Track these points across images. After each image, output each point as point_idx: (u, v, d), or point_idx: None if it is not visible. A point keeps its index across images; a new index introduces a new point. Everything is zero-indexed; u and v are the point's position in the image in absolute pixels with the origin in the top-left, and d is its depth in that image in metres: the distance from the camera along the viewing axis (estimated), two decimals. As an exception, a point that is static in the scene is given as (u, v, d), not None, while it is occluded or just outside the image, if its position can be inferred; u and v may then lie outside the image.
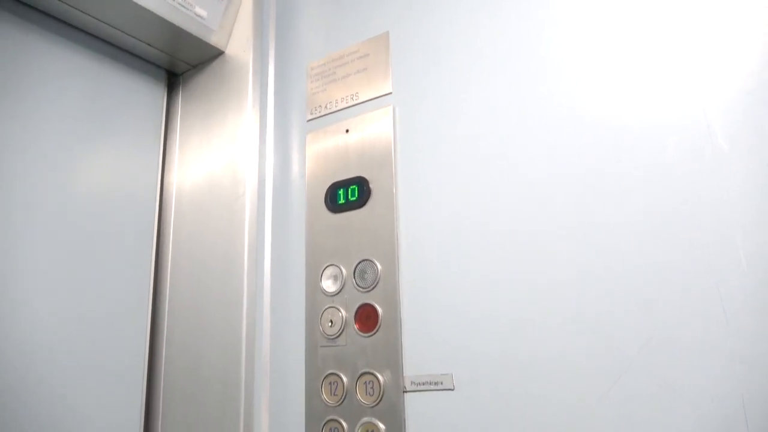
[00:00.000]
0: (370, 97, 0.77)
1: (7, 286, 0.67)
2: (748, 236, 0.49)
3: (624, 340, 0.53)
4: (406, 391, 0.64)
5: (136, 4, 0.74)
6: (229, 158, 0.82)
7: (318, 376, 0.70)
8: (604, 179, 0.57)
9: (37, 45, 0.75)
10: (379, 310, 0.68)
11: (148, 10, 0.76)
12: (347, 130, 0.77)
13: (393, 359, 0.65)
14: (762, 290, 0.48)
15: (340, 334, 0.70)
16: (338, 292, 0.72)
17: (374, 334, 0.67)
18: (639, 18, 0.59)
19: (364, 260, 0.70)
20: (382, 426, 0.64)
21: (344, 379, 0.68)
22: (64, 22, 0.78)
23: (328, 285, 0.73)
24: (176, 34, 0.81)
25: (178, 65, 0.90)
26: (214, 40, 0.85)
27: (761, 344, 0.47)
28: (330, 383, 0.69)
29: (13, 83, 0.72)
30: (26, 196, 0.71)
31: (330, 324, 0.71)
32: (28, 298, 0.69)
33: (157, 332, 0.81)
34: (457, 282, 0.64)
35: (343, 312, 0.70)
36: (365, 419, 0.65)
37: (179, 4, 0.78)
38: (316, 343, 0.72)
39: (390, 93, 0.75)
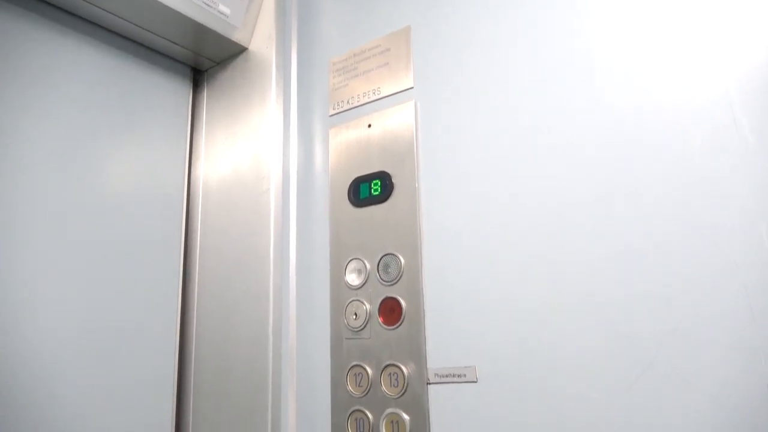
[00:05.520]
0: (392, 92, 0.77)
1: (35, 285, 0.69)
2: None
3: (647, 334, 0.53)
4: (429, 383, 0.65)
5: (161, 3, 0.75)
6: (254, 153, 0.83)
7: (343, 367, 0.72)
8: (629, 173, 0.57)
9: (65, 44, 0.77)
10: (403, 303, 0.69)
11: (174, 9, 0.77)
12: (369, 125, 0.78)
13: (417, 352, 0.66)
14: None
15: (364, 327, 0.71)
16: (362, 286, 0.73)
17: (398, 327, 0.68)
18: (670, 15, 0.58)
19: (387, 254, 0.71)
20: (406, 417, 0.65)
21: (369, 370, 0.69)
22: (91, 22, 0.80)
23: (352, 278, 0.74)
24: (201, 31, 0.83)
25: (202, 62, 0.92)
26: (238, 37, 0.86)
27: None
28: (355, 375, 0.70)
29: (41, 82, 0.74)
30: (54, 193, 0.73)
31: (354, 317, 0.72)
32: (56, 296, 0.71)
33: (186, 325, 0.84)
34: (479, 275, 0.64)
35: (367, 305, 0.71)
36: (390, 410, 0.67)
37: (203, 2, 0.79)
38: (341, 335, 0.73)
39: (411, 88, 0.76)
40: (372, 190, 0.75)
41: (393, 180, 0.73)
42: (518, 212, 0.63)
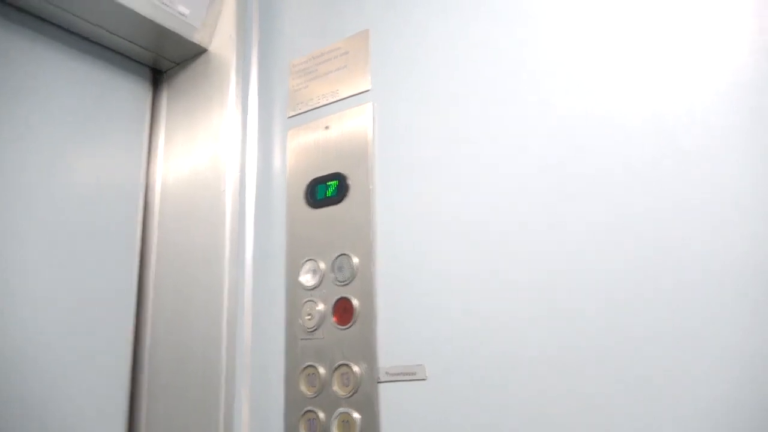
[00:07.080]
0: (350, 94, 0.78)
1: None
2: (751, 233, 0.49)
3: (598, 334, 0.54)
4: (380, 382, 0.65)
5: (119, 3, 0.75)
6: (213, 154, 0.83)
7: (296, 368, 0.72)
8: (590, 173, 0.57)
9: (23, 45, 0.77)
10: (355, 303, 0.69)
11: (131, 10, 0.77)
12: (327, 127, 0.78)
13: (368, 351, 0.67)
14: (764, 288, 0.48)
15: (318, 328, 0.71)
16: (317, 286, 0.73)
17: (350, 326, 0.69)
18: (630, 15, 0.60)
19: (341, 255, 0.72)
20: (357, 416, 0.65)
21: (321, 371, 0.69)
22: (49, 22, 0.79)
23: (307, 279, 0.74)
24: (159, 32, 0.82)
25: (162, 63, 0.92)
26: (198, 38, 0.86)
27: (763, 341, 0.47)
28: (308, 375, 0.70)
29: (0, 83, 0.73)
30: (12, 192, 0.72)
31: (309, 317, 0.72)
32: (13, 291, 0.70)
33: (141, 324, 0.83)
34: (431, 276, 0.65)
35: (321, 305, 0.72)
36: (341, 410, 0.67)
37: (162, 2, 0.79)
38: (296, 335, 0.73)
39: (369, 90, 0.76)
40: (328, 191, 0.75)
41: (348, 181, 0.74)
42: (471, 214, 0.64)
